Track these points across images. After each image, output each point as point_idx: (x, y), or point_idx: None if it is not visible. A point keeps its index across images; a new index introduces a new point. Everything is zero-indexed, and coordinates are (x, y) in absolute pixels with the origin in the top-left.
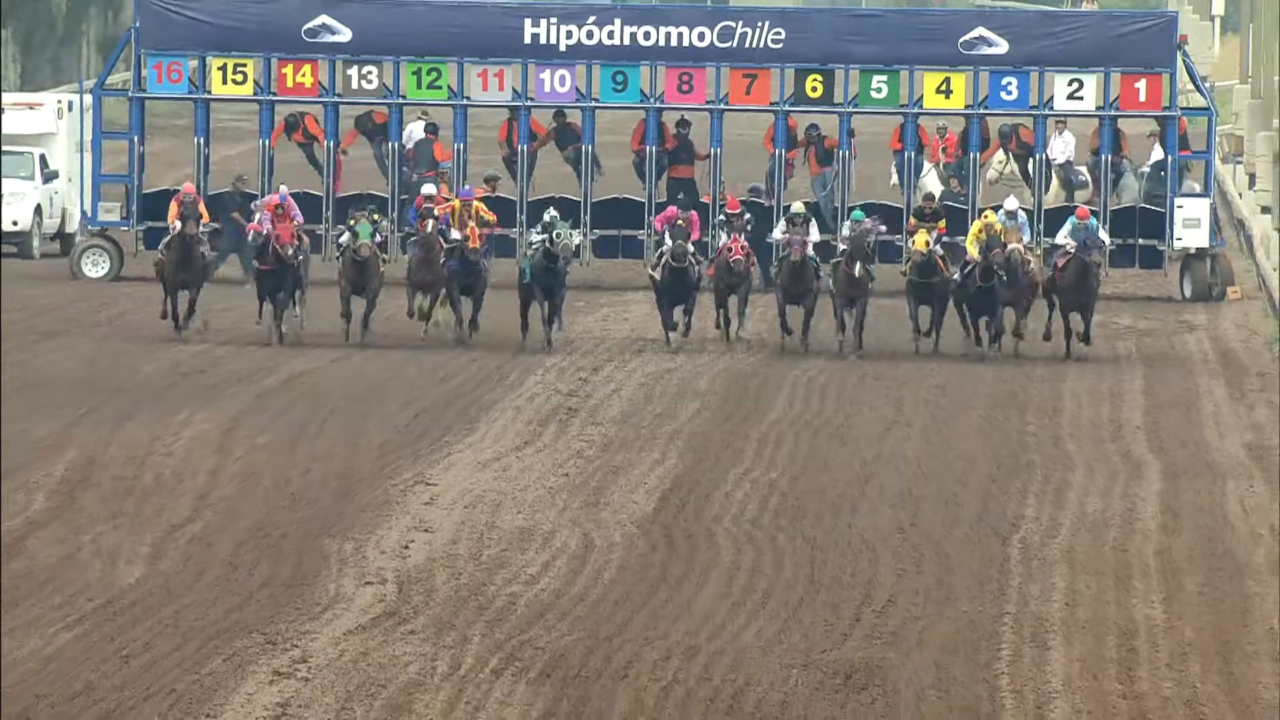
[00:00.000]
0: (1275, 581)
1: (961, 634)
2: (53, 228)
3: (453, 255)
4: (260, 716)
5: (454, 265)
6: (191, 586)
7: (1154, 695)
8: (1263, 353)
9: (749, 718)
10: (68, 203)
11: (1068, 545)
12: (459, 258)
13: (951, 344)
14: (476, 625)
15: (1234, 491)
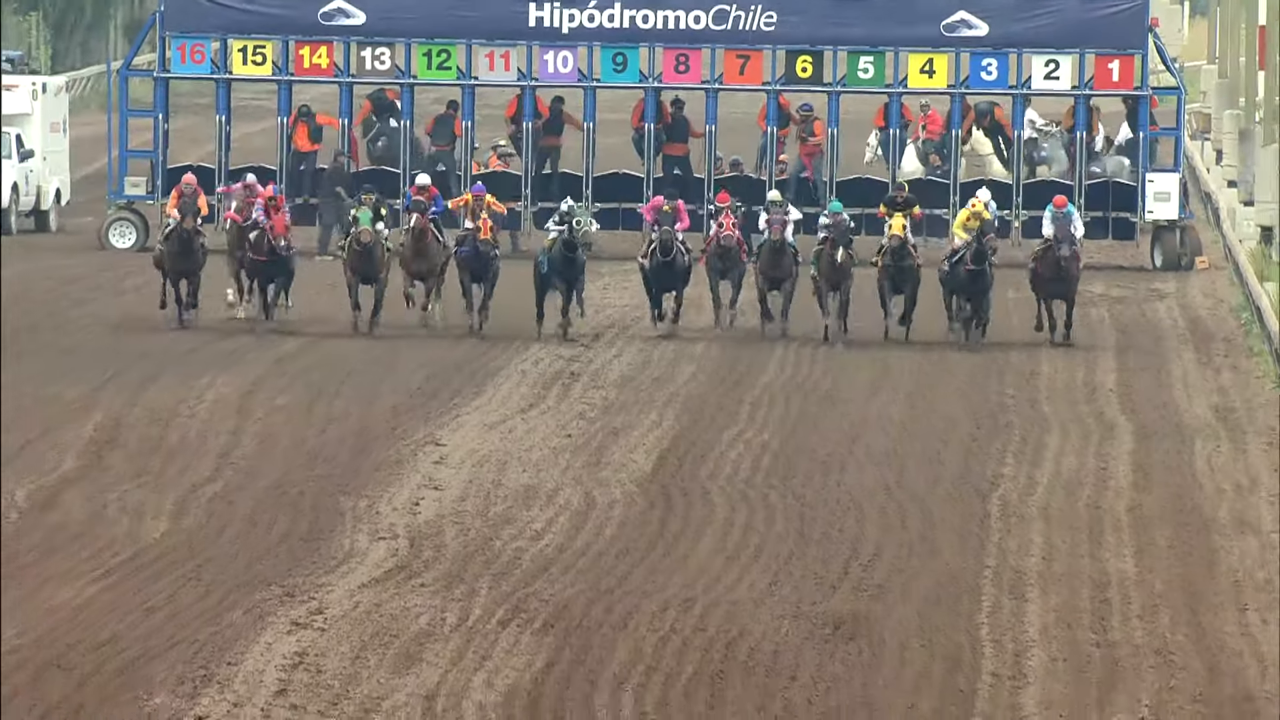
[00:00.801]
0: (1240, 536)
1: (944, 586)
2: (29, 205)
3: (464, 242)
4: (279, 665)
5: (465, 251)
6: (213, 541)
7: (1126, 644)
8: (1229, 320)
9: (742, 666)
10: (42, 180)
11: (1044, 502)
12: (470, 245)
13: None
14: (484, 579)
15: (1201, 451)
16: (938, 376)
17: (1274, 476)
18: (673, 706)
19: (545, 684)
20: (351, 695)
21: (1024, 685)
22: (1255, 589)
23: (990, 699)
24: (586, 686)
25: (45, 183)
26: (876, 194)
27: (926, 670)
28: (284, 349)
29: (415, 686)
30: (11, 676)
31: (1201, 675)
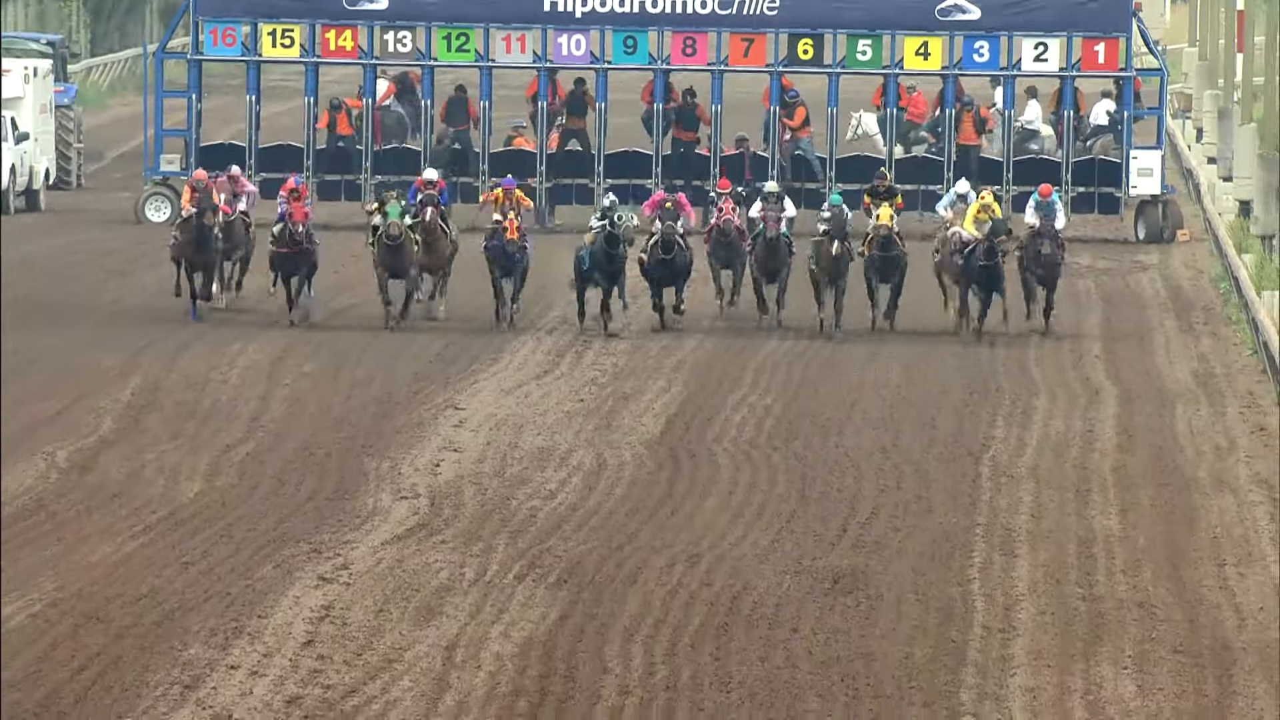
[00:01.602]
0: (1219, 495)
1: (937, 543)
2: (23, 185)
3: (494, 236)
4: (307, 617)
5: (495, 246)
6: (245, 500)
7: (1110, 597)
8: (1208, 290)
9: (746, 619)
10: (34, 161)
11: (1033, 463)
12: (499, 240)
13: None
14: (500, 536)
15: (1182, 414)
16: (932, 345)
17: (1251, 438)
18: (680, 657)
19: (559, 635)
20: (375, 646)
21: (1013, 636)
22: (1233, 545)
23: (981, 650)
24: (598, 638)
25: (37, 164)
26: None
27: (921, 622)
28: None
29: (435, 638)
30: (53, 629)
31: (1182, 626)
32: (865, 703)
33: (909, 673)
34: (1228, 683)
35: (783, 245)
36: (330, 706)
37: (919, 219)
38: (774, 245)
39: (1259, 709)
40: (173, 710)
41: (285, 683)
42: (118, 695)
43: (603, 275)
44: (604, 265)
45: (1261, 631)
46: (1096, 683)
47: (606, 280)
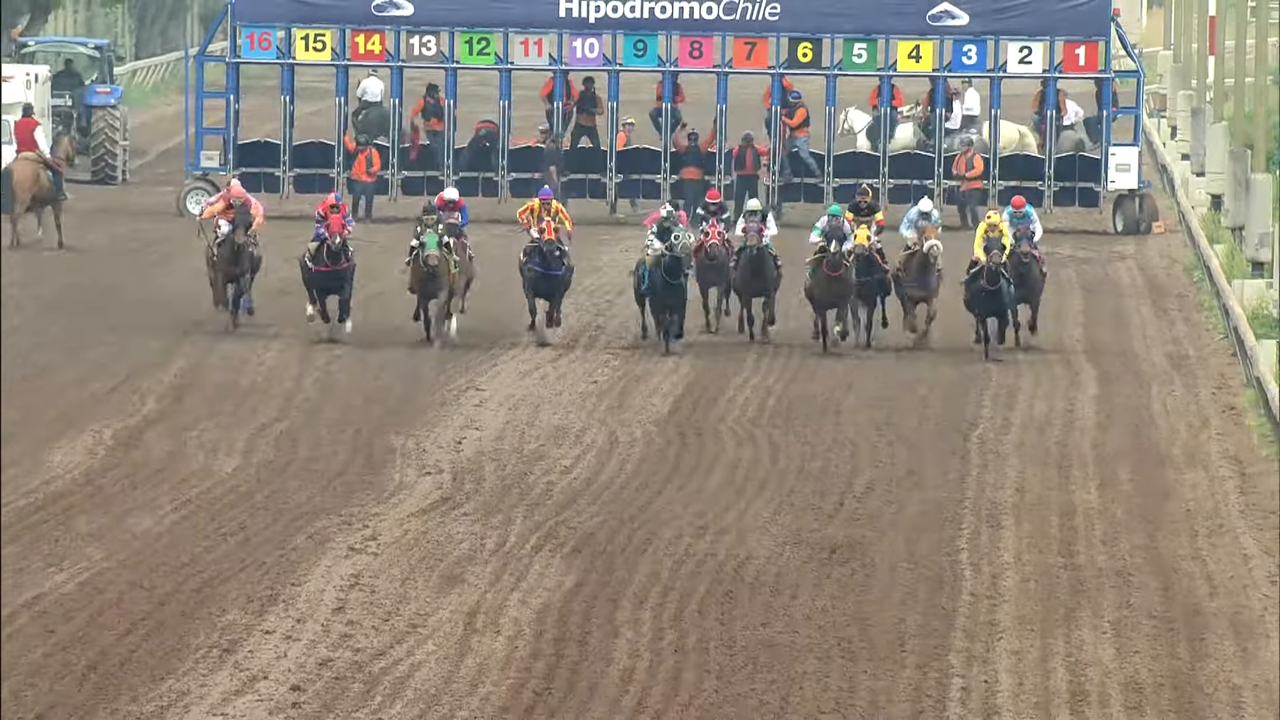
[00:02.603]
0: (1192, 470)
1: (928, 516)
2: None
3: (532, 256)
4: (337, 585)
5: (534, 266)
6: (279, 475)
7: (1090, 566)
8: (1182, 278)
9: (749, 586)
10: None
11: (1018, 440)
12: (538, 259)
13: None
14: (519, 508)
15: (1157, 394)
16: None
17: (1222, 417)
18: (687, 622)
19: (574, 602)
20: (401, 612)
21: (999, 603)
22: (1205, 517)
23: (969, 615)
24: (610, 604)
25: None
26: (868, 166)
27: (913, 590)
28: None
29: (458, 604)
30: (100, 595)
31: (1157, 593)
32: (860, 664)
33: (901, 637)
34: (1200, 646)
35: (768, 258)
36: (359, 669)
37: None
38: (758, 261)
39: (1229, 670)
40: (211, 672)
41: (317, 646)
42: (160, 658)
43: (663, 301)
44: (663, 291)
45: (1231, 598)
46: (1077, 646)
47: (666, 308)
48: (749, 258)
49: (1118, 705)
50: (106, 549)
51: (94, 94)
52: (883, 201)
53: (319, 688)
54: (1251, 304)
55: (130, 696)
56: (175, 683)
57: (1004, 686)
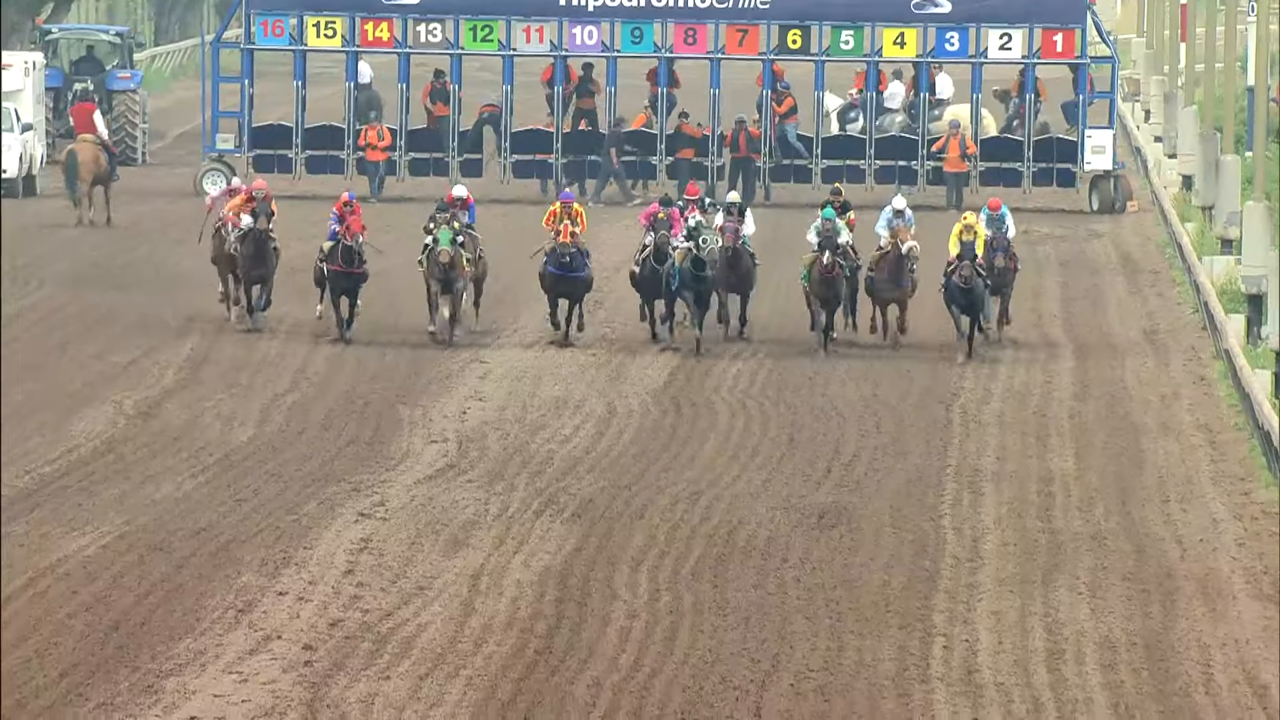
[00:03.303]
0: (1164, 438)
1: (912, 482)
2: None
3: (552, 258)
4: (347, 549)
5: (553, 269)
6: (292, 444)
7: (1067, 531)
8: (1155, 255)
9: (741, 550)
10: (34, 149)
11: (998, 410)
12: (556, 261)
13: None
14: (521, 476)
15: (1131, 366)
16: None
17: (1193, 388)
18: (682, 585)
19: (573, 565)
20: (409, 575)
21: (980, 565)
22: (1176, 484)
23: (952, 577)
24: (608, 567)
25: (35, 151)
26: (854, 149)
27: (897, 553)
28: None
29: (462, 567)
30: (121, 558)
31: (1130, 556)
32: (848, 624)
33: (887, 598)
34: (1171, 607)
35: (744, 255)
36: (368, 628)
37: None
38: (734, 258)
39: (1199, 630)
40: (227, 632)
41: (328, 607)
42: (179, 618)
43: (691, 295)
44: (692, 286)
45: (1201, 561)
46: (1054, 607)
47: (693, 300)
48: (726, 256)
49: (1093, 663)
50: (127, 514)
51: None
52: (869, 183)
53: (330, 647)
54: (1221, 280)
55: (150, 655)
56: (193, 642)
57: (984, 645)
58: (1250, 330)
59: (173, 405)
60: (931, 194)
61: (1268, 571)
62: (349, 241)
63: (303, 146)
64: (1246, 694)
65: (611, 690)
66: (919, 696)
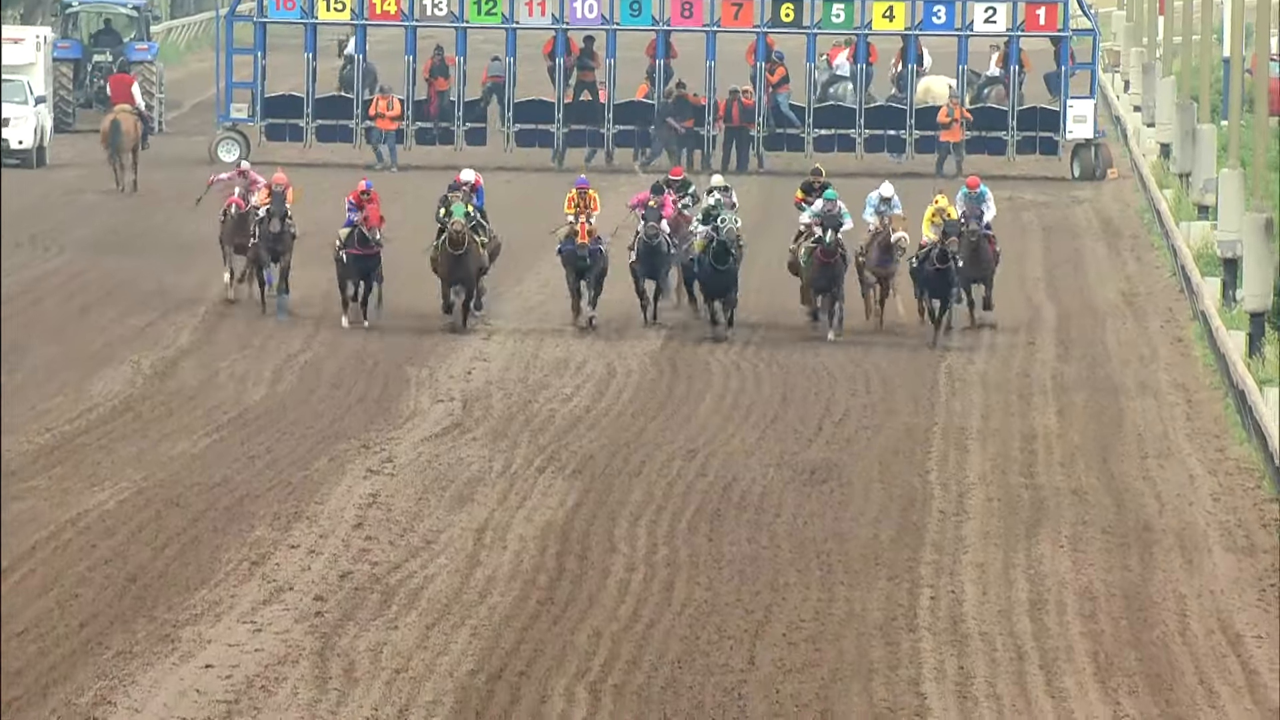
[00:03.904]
0: (1142, 398)
1: (900, 440)
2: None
3: (569, 240)
4: (356, 504)
5: (568, 248)
6: (303, 402)
7: (1049, 486)
8: (1134, 220)
9: (736, 505)
10: (44, 121)
11: (983, 370)
12: (571, 243)
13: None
14: (524, 434)
15: (1111, 328)
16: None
17: (1170, 348)
18: (679, 538)
19: (574, 520)
20: (416, 529)
21: (966, 520)
22: (1154, 440)
23: (938, 531)
24: (608, 522)
25: (46, 122)
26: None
27: (886, 508)
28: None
29: (467, 522)
30: (139, 513)
31: (1110, 511)
32: (838, 576)
33: (875, 551)
34: (1149, 559)
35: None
36: (377, 580)
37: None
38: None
39: (1175, 581)
40: (241, 584)
41: (338, 560)
42: (194, 570)
43: (711, 286)
44: (711, 277)
45: (1178, 515)
46: (1037, 559)
47: (715, 292)
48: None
49: (1073, 613)
50: (145, 470)
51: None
52: (859, 151)
53: (340, 598)
54: (1197, 244)
55: (167, 606)
56: (208, 593)
57: (969, 596)
58: (1225, 293)
59: (188, 366)
60: (920, 162)
61: (1241, 525)
62: (370, 234)
63: (313, 116)
64: (1221, 642)
65: (611, 639)
66: (906, 645)
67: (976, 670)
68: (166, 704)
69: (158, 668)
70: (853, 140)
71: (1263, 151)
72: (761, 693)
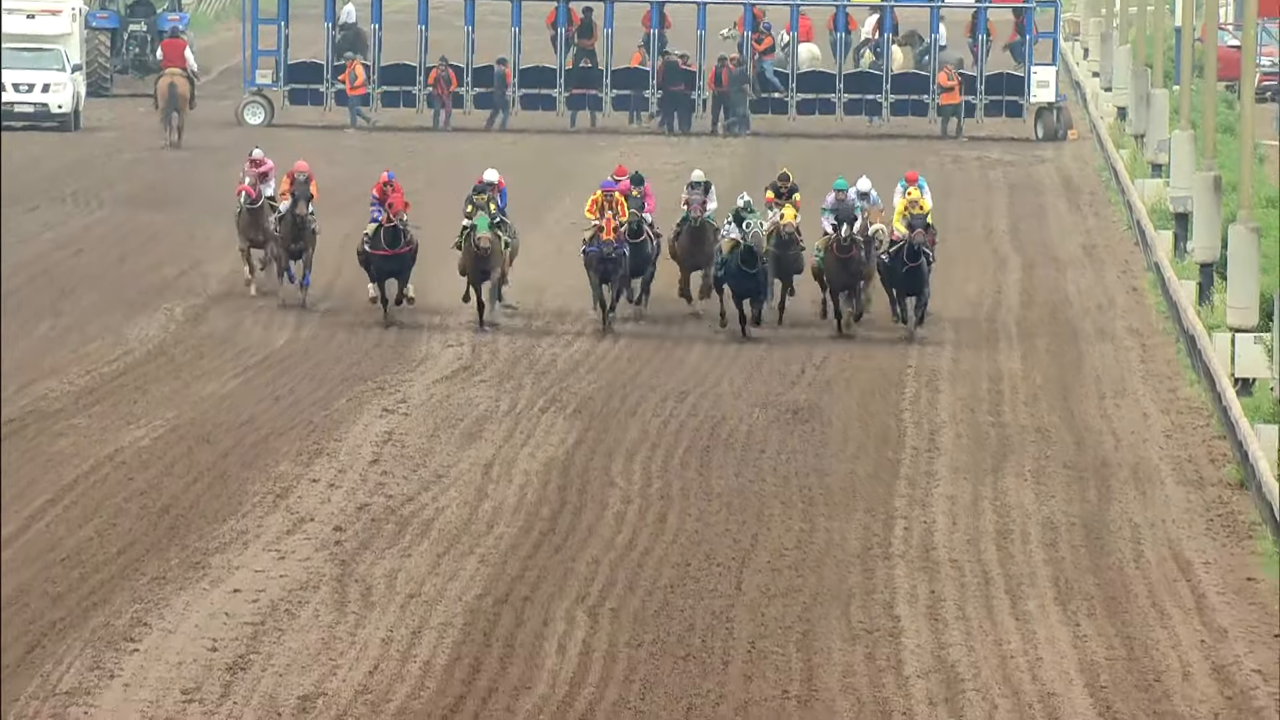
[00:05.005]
0: (1100, 342)
1: (876, 381)
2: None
3: (593, 241)
4: (373, 441)
5: (593, 251)
6: (324, 346)
7: (1014, 424)
8: (1093, 178)
9: (724, 442)
10: (79, 88)
11: (953, 317)
12: (596, 245)
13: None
14: (528, 376)
15: (1071, 277)
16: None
17: (1126, 297)
18: (672, 473)
19: (574, 456)
20: (428, 464)
21: (937, 455)
22: (1111, 382)
23: (911, 465)
24: (605, 458)
25: (81, 89)
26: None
27: (863, 444)
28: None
29: (476, 457)
30: (171, 449)
31: (1070, 447)
32: (818, 508)
33: (853, 485)
34: (1106, 491)
35: (708, 230)
36: (392, 512)
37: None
38: (699, 232)
39: (1130, 511)
40: (266, 515)
41: (356, 493)
42: (223, 502)
43: (740, 288)
44: (741, 280)
45: (1133, 450)
46: (1002, 492)
47: (745, 293)
48: (690, 230)
49: (1036, 542)
50: (177, 409)
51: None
52: (839, 114)
53: (357, 528)
54: (1151, 200)
55: (198, 534)
56: (235, 523)
57: (940, 527)
58: (1177, 245)
59: (218, 312)
60: (894, 125)
61: (1191, 460)
62: (393, 221)
63: (332, 81)
64: (1172, 568)
65: (609, 566)
66: (882, 572)
67: (946, 594)
68: (197, 625)
69: (189, 592)
70: (832, 104)
71: (1212, 114)
72: (748, 615)
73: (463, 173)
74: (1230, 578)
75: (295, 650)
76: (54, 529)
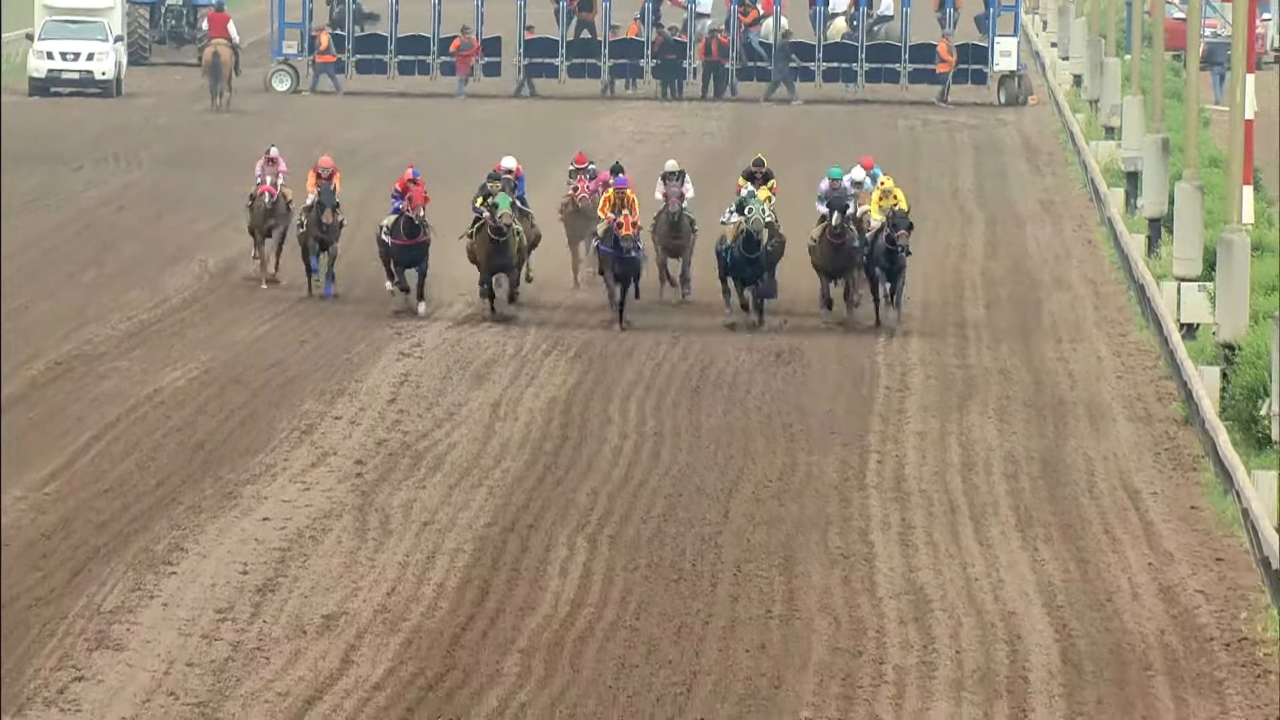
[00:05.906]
0: (1058, 291)
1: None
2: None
3: (606, 238)
4: (390, 382)
5: (607, 249)
6: (347, 295)
7: (978, 366)
8: (1051, 140)
9: (713, 383)
10: (121, 57)
11: (923, 269)
12: (612, 242)
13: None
14: (532, 322)
15: (1031, 232)
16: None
17: (1082, 249)
18: (664, 411)
19: (575, 395)
20: (441, 403)
21: (908, 394)
22: (1067, 327)
23: (885, 403)
24: (604, 398)
25: (122, 58)
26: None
27: (840, 384)
28: (391, 164)
29: (484, 397)
30: (205, 389)
31: (1030, 387)
32: (799, 443)
33: (831, 421)
34: (1063, 427)
35: (685, 220)
36: (407, 447)
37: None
38: (676, 221)
39: (1085, 446)
40: (293, 449)
41: (375, 429)
42: (253, 439)
43: (743, 275)
44: (743, 266)
45: (1087, 390)
46: (967, 428)
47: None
48: (670, 219)
49: (999, 474)
50: (211, 352)
51: None
52: (818, 81)
53: (376, 462)
54: (1104, 160)
55: (230, 467)
56: (264, 457)
57: (910, 460)
58: (1128, 201)
59: (248, 262)
60: (869, 90)
61: (1141, 398)
62: (410, 213)
63: (353, 51)
64: (1123, 498)
65: (606, 497)
66: (857, 501)
67: (916, 522)
68: (230, 550)
69: (222, 520)
70: (812, 72)
71: (1160, 81)
72: (734, 541)
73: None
74: (1175, 506)
75: (319, 573)
76: (98, 463)
